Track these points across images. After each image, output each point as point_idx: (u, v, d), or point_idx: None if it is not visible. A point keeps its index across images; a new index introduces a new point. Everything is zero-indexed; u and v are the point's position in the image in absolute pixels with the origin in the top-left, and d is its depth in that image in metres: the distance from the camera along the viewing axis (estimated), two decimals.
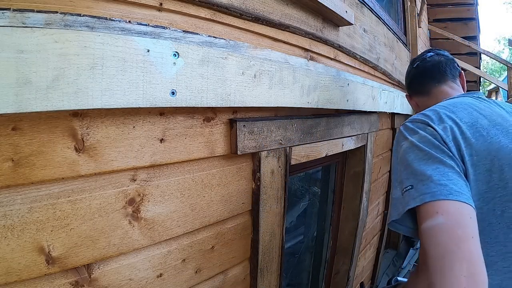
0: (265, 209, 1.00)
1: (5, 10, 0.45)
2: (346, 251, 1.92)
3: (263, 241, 1.01)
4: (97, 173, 0.61)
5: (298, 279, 1.95)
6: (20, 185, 0.51)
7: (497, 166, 0.64)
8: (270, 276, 1.08)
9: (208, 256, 0.87)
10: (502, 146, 0.65)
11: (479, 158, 0.64)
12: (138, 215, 0.68)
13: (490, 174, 0.64)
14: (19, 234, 0.52)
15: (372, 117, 1.82)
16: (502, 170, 0.63)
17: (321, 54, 1.29)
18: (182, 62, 0.65)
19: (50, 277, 0.56)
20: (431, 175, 0.61)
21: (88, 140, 0.59)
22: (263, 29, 0.96)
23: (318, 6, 1.11)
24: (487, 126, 0.68)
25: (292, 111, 1.11)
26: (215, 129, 0.83)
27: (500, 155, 0.64)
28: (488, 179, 0.64)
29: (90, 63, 0.51)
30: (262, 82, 0.87)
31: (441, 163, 0.63)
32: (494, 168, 0.64)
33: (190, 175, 0.78)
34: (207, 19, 0.78)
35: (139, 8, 0.64)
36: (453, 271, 0.50)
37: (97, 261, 0.63)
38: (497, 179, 0.63)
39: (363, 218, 1.94)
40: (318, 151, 1.27)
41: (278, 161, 1.03)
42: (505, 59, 4.36)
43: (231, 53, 0.76)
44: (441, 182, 0.59)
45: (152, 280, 0.73)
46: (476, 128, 0.67)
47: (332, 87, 1.22)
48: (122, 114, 0.63)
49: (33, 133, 0.52)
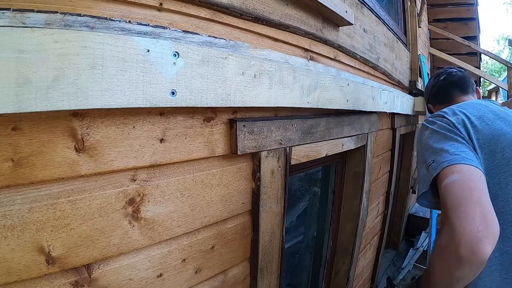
0: (265, 209, 1.00)
1: (5, 10, 0.45)
2: (346, 251, 1.92)
3: (263, 241, 1.01)
4: (97, 173, 0.61)
5: (298, 279, 1.95)
6: (20, 185, 0.51)
7: (500, 147, 0.77)
8: (270, 276, 1.08)
9: (208, 256, 0.87)
10: (504, 132, 0.78)
11: (484, 141, 0.78)
12: (138, 215, 0.68)
13: (494, 154, 0.77)
14: (19, 234, 0.52)
15: (372, 117, 1.82)
16: (503, 151, 0.76)
17: (321, 54, 1.29)
18: (182, 62, 0.65)
19: (50, 277, 0.56)
20: (447, 149, 0.76)
21: (88, 140, 0.59)
22: (263, 29, 0.96)
23: (318, 6, 1.11)
24: (492, 118, 0.82)
25: (292, 111, 1.11)
26: (215, 129, 0.83)
27: (502, 139, 0.77)
28: (493, 158, 0.76)
29: (90, 63, 0.51)
30: (262, 82, 0.87)
31: (455, 140, 0.78)
32: (497, 149, 0.77)
33: (190, 175, 0.78)
34: (207, 19, 0.78)
35: (139, 8, 0.64)
36: (468, 213, 0.63)
37: (97, 261, 0.63)
38: (500, 158, 0.76)
39: (363, 218, 1.94)
40: (318, 151, 1.27)
41: (278, 161, 1.03)
42: (505, 59, 4.36)
43: (231, 53, 0.76)
44: (456, 153, 0.74)
45: (152, 280, 0.73)
46: (482, 119, 0.82)
47: (332, 87, 1.22)
48: (122, 114, 0.63)
49: (33, 133, 0.52)
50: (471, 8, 4.82)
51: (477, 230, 0.61)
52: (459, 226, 0.63)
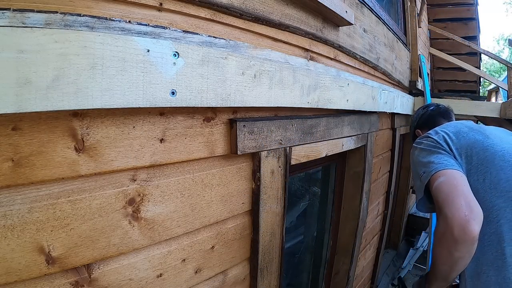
0: (265, 209, 1.00)
1: (5, 10, 0.45)
2: (346, 251, 1.92)
3: (263, 241, 1.01)
4: (97, 173, 0.61)
5: (298, 279, 1.94)
6: (20, 185, 0.51)
7: (475, 152, 0.94)
8: (270, 276, 1.08)
9: (208, 256, 0.87)
10: (477, 140, 0.97)
11: (462, 149, 0.96)
12: (138, 215, 0.68)
13: (471, 157, 0.94)
14: (19, 234, 0.52)
15: (372, 117, 1.82)
16: (478, 155, 0.94)
17: (321, 54, 1.29)
18: (182, 62, 0.65)
19: (50, 277, 0.56)
20: (433, 160, 0.95)
21: (88, 140, 0.59)
22: (263, 29, 0.96)
23: (318, 6, 1.11)
24: (467, 131, 1.02)
25: (292, 111, 1.11)
26: (215, 129, 0.83)
27: (475, 145, 0.95)
28: (470, 161, 0.94)
29: (90, 63, 0.51)
30: (262, 82, 0.87)
31: (438, 153, 0.97)
32: (473, 154, 0.94)
33: (190, 175, 0.78)
34: (207, 19, 0.78)
35: (139, 8, 0.64)
36: (455, 203, 0.81)
37: (97, 261, 0.63)
38: (476, 160, 0.93)
39: (363, 218, 1.94)
40: (318, 151, 1.27)
41: (278, 161, 1.03)
42: (505, 59, 4.35)
43: (231, 53, 0.76)
44: (440, 162, 0.93)
45: (152, 280, 0.73)
46: (459, 133, 1.01)
47: (332, 87, 1.22)
48: (122, 114, 0.63)
49: (33, 133, 0.52)
50: (471, 8, 4.82)
51: (464, 215, 0.78)
52: (450, 214, 0.80)
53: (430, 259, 2.56)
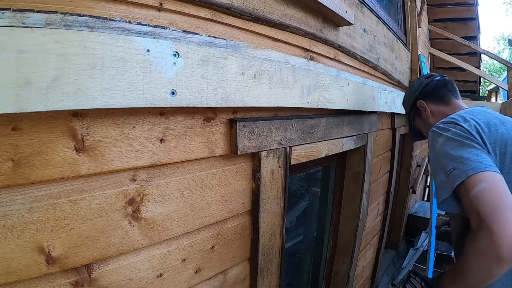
0: (265, 209, 1.00)
1: (5, 10, 0.45)
2: (346, 251, 1.92)
3: (263, 241, 1.01)
4: (97, 173, 0.61)
5: (298, 279, 1.95)
6: (20, 185, 0.51)
7: (509, 150, 0.86)
8: (270, 276, 1.08)
9: (208, 256, 0.87)
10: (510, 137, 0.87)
11: (495, 145, 0.86)
12: (138, 215, 0.68)
13: (504, 156, 0.85)
14: (19, 234, 0.52)
15: (372, 117, 1.82)
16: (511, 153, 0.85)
17: (321, 54, 1.29)
18: (182, 62, 0.65)
19: (50, 277, 0.56)
20: (468, 157, 0.82)
21: (88, 140, 0.59)
22: (263, 29, 0.96)
23: (318, 6, 1.11)
24: (497, 123, 0.91)
25: (292, 111, 1.11)
26: (215, 129, 0.83)
27: (508, 141, 0.86)
28: (503, 159, 0.85)
29: (90, 63, 0.51)
30: (262, 82, 0.87)
31: (473, 147, 0.84)
32: (507, 151, 0.86)
33: (190, 175, 0.78)
34: (207, 19, 0.78)
35: (139, 8, 0.64)
36: (502, 216, 0.71)
37: (97, 261, 0.63)
38: (509, 159, 0.85)
39: (363, 218, 1.94)
40: (318, 151, 1.27)
41: (278, 161, 1.03)
42: (505, 59, 4.36)
43: (231, 53, 0.76)
44: (477, 160, 0.80)
45: (152, 280, 0.73)
46: (490, 124, 0.90)
47: (332, 87, 1.22)
48: (122, 114, 0.63)
49: (33, 133, 0.52)
50: (471, 8, 4.82)
51: None
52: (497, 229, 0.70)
53: (453, 261, 2.50)
